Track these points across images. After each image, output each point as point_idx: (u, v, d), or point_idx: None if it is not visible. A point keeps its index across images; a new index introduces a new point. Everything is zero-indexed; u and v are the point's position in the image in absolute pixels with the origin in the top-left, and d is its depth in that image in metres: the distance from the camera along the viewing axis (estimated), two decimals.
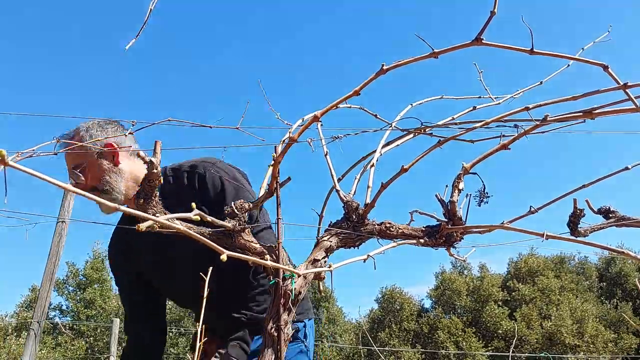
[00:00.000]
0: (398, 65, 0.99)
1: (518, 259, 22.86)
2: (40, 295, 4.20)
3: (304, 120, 1.43)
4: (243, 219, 1.21)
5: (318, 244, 1.29)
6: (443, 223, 1.31)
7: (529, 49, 0.92)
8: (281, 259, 1.22)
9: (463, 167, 1.26)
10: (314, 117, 1.09)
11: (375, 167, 1.39)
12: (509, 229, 1.12)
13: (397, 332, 20.02)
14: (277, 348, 1.12)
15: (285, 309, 1.16)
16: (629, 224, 1.41)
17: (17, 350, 15.21)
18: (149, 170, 1.09)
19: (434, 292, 22.05)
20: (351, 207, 1.31)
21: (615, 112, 1.02)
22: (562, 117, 1.08)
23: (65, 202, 4.35)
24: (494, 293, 20.30)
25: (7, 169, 0.52)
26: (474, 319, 20.23)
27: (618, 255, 1.14)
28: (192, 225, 1.26)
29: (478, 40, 0.91)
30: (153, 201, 1.15)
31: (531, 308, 19.49)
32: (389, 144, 1.51)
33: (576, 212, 1.39)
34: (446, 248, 1.38)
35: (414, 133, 1.47)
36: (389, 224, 1.32)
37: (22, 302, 20.86)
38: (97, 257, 21.30)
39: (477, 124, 1.29)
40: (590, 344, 18.01)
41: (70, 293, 20.90)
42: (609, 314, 20.34)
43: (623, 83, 0.94)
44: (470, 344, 18.26)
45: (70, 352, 17.80)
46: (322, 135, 1.47)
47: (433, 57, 0.97)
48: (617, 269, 22.83)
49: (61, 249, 4.31)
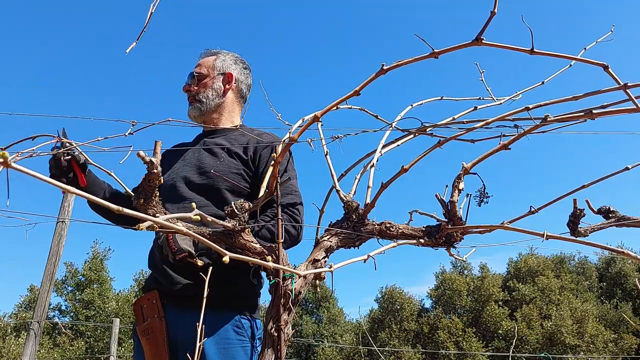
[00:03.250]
0: (398, 65, 0.99)
1: (518, 259, 22.85)
2: (40, 295, 4.20)
3: (304, 121, 1.43)
4: (243, 219, 1.21)
5: (318, 244, 1.29)
6: (443, 223, 1.31)
7: (529, 49, 0.92)
8: (281, 259, 1.22)
9: (463, 167, 1.26)
10: (314, 117, 1.09)
11: (375, 167, 1.39)
12: (509, 229, 1.12)
13: (397, 332, 20.00)
14: (277, 348, 1.12)
15: (285, 309, 1.16)
16: (629, 224, 1.41)
17: (17, 351, 15.20)
18: (149, 170, 1.09)
19: (434, 292, 22.03)
20: (351, 207, 1.31)
21: (615, 112, 1.02)
22: (562, 117, 1.08)
23: (65, 202, 4.35)
24: (494, 293, 20.29)
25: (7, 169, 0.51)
26: (474, 319, 20.22)
27: (618, 255, 1.14)
28: (192, 226, 1.26)
29: (478, 40, 0.91)
30: (153, 201, 1.15)
31: (531, 308, 19.48)
32: (389, 144, 1.51)
33: (576, 212, 1.39)
34: (446, 248, 1.38)
35: (414, 133, 1.47)
36: (389, 224, 1.32)
37: (21, 303, 20.84)
38: (96, 257, 21.26)
39: (478, 124, 1.29)
40: (590, 344, 18.01)
41: (69, 293, 20.87)
42: (609, 314, 20.33)
43: (623, 83, 0.94)
44: (471, 344, 18.25)
45: (70, 353, 17.78)
46: (322, 135, 1.47)
47: (433, 57, 0.97)
48: (617, 269, 22.82)
49: (61, 249, 4.31)
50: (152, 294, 1.61)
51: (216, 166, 1.72)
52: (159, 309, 1.57)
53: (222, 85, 1.95)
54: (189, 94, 1.92)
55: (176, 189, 1.72)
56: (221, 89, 1.95)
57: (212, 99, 1.91)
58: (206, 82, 1.92)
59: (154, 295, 1.60)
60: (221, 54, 2.00)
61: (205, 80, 1.92)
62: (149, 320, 1.57)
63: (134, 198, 1.18)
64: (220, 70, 1.97)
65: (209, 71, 1.94)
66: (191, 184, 1.71)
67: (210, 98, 1.91)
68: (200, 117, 1.90)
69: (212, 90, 1.92)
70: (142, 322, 1.59)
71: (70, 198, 4.35)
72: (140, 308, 1.63)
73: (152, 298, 1.60)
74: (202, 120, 1.91)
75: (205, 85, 1.91)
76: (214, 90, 1.93)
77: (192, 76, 1.93)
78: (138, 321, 1.62)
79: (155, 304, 1.58)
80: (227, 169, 1.72)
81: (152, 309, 1.59)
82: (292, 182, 1.73)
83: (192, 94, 1.90)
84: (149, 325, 1.56)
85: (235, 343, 1.55)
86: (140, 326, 1.59)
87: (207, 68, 1.95)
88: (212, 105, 1.91)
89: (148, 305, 1.60)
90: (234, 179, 1.69)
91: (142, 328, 1.58)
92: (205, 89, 1.91)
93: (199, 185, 1.70)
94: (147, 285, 1.70)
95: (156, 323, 1.55)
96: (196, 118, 1.91)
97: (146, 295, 1.63)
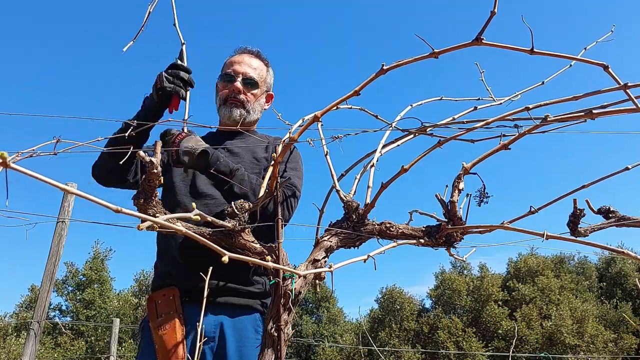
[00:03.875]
0: (398, 65, 0.99)
1: (518, 259, 22.85)
2: (40, 295, 4.20)
3: (304, 121, 1.43)
4: (243, 219, 1.21)
5: (318, 244, 1.29)
6: (443, 223, 1.31)
7: (529, 49, 0.92)
8: (281, 259, 1.22)
9: (463, 167, 1.26)
10: (314, 117, 1.09)
11: (375, 167, 1.39)
12: (509, 229, 1.12)
13: (397, 332, 20.00)
14: (277, 348, 1.12)
15: (285, 309, 1.16)
16: (629, 224, 1.41)
17: (17, 351, 15.20)
18: (149, 170, 1.09)
19: (434, 292, 22.03)
20: (351, 207, 1.31)
21: (615, 112, 1.02)
22: (562, 117, 1.08)
23: (65, 203, 4.35)
24: (494, 293, 20.28)
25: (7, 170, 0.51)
26: (474, 319, 20.22)
27: (618, 255, 1.14)
28: (192, 226, 1.26)
29: (478, 40, 0.91)
30: (153, 201, 1.15)
31: (531, 308, 19.47)
32: (389, 144, 1.51)
33: (576, 212, 1.39)
34: (446, 248, 1.38)
35: (414, 133, 1.47)
36: (389, 224, 1.32)
37: (22, 302, 20.84)
38: (97, 257, 21.26)
39: (478, 124, 1.29)
40: (590, 344, 17.99)
41: (70, 293, 20.87)
42: (609, 314, 20.32)
43: (623, 83, 0.94)
44: (471, 344, 18.25)
45: (70, 352, 17.78)
46: (322, 135, 1.47)
47: (433, 57, 0.97)
48: (617, 269, 22.81)
49: (61, 249, 4.31)
50: (170, 290, 1.56)
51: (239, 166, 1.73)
52: (177, 305, 1.53)
53: (264, 103, 1.91)
54: (238, 97, 1.82)
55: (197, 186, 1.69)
56: (262, 106, 1.91)
57: (256, 114, 1.87)
58: (256, 93, 1.86)
59: (171, 291, 1.56)
60: (270, 68, 1.95)
61: (256, 91, 1.85)
62: (165, 316, 1.52)
63: (134, 198, 1.18)
64: (269, 88, 1.93)
65: (261, 83, 1.88)
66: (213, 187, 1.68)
67: (256, 112, 1.86)
68: (234, 124, 1.80)
69: (259, 105, 1.88)
70: (156, 317, 1.53)
71: (70, 198, 4.35)
72: (154, 304, 1.57)
73: (169, 294, 1.55)
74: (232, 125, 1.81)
75: (255, 96, 1.85)
76: (260, 106, 1.89)
77: (250, 82, 1.83)
78: (151, 317, 1.55)
79: (173, 300, 1.54)
80: (249, 169, 1.72)
81: (168, 305, 1.54)
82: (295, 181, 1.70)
83: (241, 99, 1.81)
84: (165, 320, 1.51)
85: (254, 342, 1.57)
86: (155, 322, 1.53)
87: (261, 79, 1.87)
88: (252, 119, 1.86)
89: (163, 301, 1.55)
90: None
91: (157, 323, 1.51)
92: (255, 100, 1.85)
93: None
94: (161, 281, 1.63)
95: (174, 319, 1.50)
96: (229, 121, 1.81)
97: (162, 291, 1.57)
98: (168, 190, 1.73)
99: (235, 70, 1.84)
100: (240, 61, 1.86)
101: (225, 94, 1.83)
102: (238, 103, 1.82)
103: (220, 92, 1.86)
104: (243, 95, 1.82)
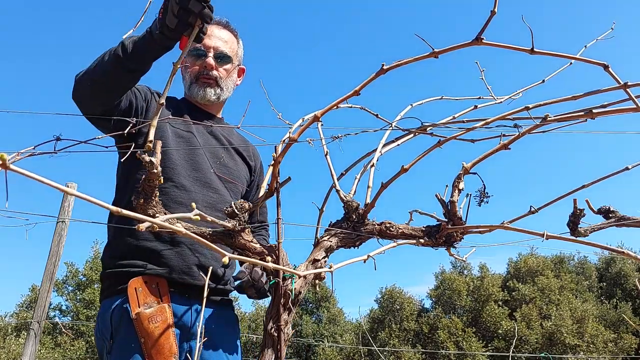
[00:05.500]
0: (398, 65, 0.99)
1: (518, 259, 22.85)
2: (40, 295, 4.20)
3: (304, 120, 1.43)
4: (243, 219, 1.21)
5: (318, 244, 1.29)
6: (443, 223, 1.31)
7: (530, 49, 0.92)
8: (281, 259, 1.21)
9: (463, 167, 1.26)
10: (314, 116, 1.09)
11: (375, 167, 1.39)
12: (509, 229, 1.12)
13: (397, 332, 19.99)
14: (277, 348, 1.12)
15: (285, 309, 1.15)
16: (629, 224, 1.40)
17: (17, 350, 15.19)
18: (149, 170, 1.09)
19: (434, 292, 22.02)
20: (351, 207, 1.31)
21: (615, 111, 1.02)
22: (562, 117, 1.08)
23: (65, 203, 4.35)
24: (494, 293, 20.27)
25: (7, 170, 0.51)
26: (474, 319, 20.21)
27: (618, 255, 1.14)
28: (191, 226, 1.26)
29: (478, 40, 0.91)
30: (153, 201, 1.15)
31: (531, 308, 19.47)
32: (389, 144, 1.51)
33: (576, 212, 1.39)
34: (446, 248, 1.38)
35: (414, 133, 1.47)
36: (389, 224, 1.32)
37: (22, 302, 20.84)
38: (97, 257, 21.26)
39: (478, 124, 1.29)
40: (590, 344, 17.99)
41: (70, 293, 20.87)
42: (609, 314, 20.32)
43: (623, 82, 0.94)
44: (470, 344, 18.24)
45: (70, 352, 17.78)
46: (322, 135, 1.47)
47: (433, 56, 0.97)
48: (617, 269, 22.80)
49: (61, 249, 4.31)
50: (154, 278, 1.44)
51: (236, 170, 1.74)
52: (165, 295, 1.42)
53: (236, 79, 1.81)
54: (211, 73, 1.68)
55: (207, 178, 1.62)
56: (235, 82, 1.80)
57: (228, 91, 1.76)
58: (228, 68, 1.74)
59: (155, 280, 1.44)
60: (240, 40, 1.81)
61: (228, 66, 1.73)
62: (156, 307, 1.39)
63: (133, 198, 1.17)
64: (240, 61, 1.81)
65: (233, 57, 1.75)
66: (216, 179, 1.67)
67: (229, 89, 1.76)
68: (207, 103, 1.72)
69: (231, 81, 1.77)
70: (138, 306, 1.38)
71: (70, 198, 4.35)
72: (134, 290, 1.40)
73: (152, 282, 1.43)
74: (206, 105, 1.75)
75: (228, 72, 1.74)
76: (232, 81, 1.78)
77: (222, 56, 1.70)
78: (132, 304, 1.38)
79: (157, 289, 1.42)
80: (243, 176, 1.75)
81: (154, 295, 1.41)
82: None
83: (214, 76, 1.69)
84: (156, 312, 1.39)
85: (238, 334, 1.60)
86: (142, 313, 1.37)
87: (232, 52, 1.75)
88: (225, 97, 1.76)
89: (146, 290, 1.41)
90: (243, 184, 1.76)
91: (149, 314, 1.37)
92: (227, 75, 1.74)
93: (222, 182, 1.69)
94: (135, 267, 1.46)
95: (164, 311, 1.40)
96: (203, 101, 1.71)
97: (143, 278, 1.42)
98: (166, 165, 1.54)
99: (206, 45, 1.67)
100: (210, 34, 1.68)
101: (196, 70, 1.69)
102: (211, 81, 1.69)
103: (190, 68, 1.71)
104: (215, 72, 1.69)
